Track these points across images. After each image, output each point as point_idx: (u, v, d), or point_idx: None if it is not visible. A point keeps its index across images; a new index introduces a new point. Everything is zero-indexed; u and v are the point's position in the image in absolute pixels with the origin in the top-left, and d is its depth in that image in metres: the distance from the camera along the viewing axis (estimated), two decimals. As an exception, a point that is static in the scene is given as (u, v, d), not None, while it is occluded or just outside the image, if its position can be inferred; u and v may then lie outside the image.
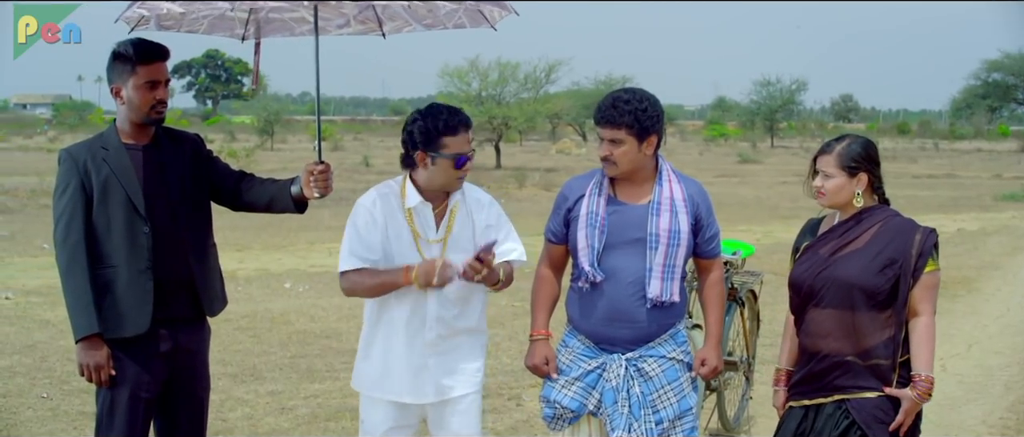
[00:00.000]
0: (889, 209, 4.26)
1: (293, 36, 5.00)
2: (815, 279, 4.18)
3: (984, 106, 74.77)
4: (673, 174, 4.30)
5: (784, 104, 73.09)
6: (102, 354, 4.15)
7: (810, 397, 4.23)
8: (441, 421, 4.29)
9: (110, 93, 4.30)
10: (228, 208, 4.67)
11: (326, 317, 10.49)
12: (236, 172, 4.66)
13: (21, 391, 7.51)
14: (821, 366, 4.18)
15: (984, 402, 7.72)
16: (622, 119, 4.14)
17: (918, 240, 4.11)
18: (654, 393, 4.20)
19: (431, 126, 4.08)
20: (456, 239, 4.20)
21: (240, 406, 7.27)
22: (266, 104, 60.17)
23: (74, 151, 4.27)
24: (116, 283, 4.19)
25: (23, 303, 10.86)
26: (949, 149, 62.54)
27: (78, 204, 4.17)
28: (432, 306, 4.16)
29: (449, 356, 4.24)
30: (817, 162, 4.25)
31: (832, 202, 4.22)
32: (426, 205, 4.17)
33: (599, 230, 4.19)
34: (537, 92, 45.24)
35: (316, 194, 4.46)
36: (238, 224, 16.84)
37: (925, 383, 4.07)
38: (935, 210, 24.27)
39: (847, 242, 4.19)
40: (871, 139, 4.34)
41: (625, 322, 4.21)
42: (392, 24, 5.06)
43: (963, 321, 10.84)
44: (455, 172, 4.11)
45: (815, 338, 4.20)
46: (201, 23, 4.70)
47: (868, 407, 4.10)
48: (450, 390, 4.24)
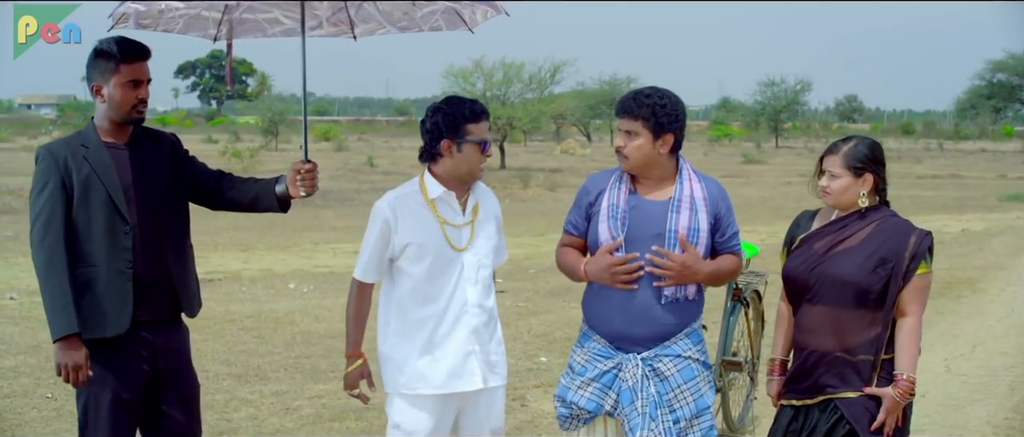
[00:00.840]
0: (887, 209, 4.29)
1: (265, 37, 5.00)
2: (809, 274, 4.23)
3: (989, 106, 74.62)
4: (694, 173, 4.31)
5: (788, 104, 73.07)
6: (81, 354, 4.10)
7: (799, 397, 4.31)
8: (474, 412, 4.34)
9: (90, 91, 4.26)
10: (208, 208, 4.66)
11: (330, 317, 10.48)
12: (215, 171, 4.64)
13: (26, 391, 7.52)
14: (809, 363, 4.25)
15: (989, 402, 7.71)
16: (639, 111, 4.15)
17: (913, 242, 4.14)
18: (670, 392, 4.20)
19: (457, 113, 4.19)
20: (482, 223, 4.33)
21: (244, 406, 7.27)
22: (271, 104, 60.28)
23: (53, 148, 4.22)
24: (96, 283, 4.16)
25: (28, 303, 10.86)
26: (953, 149, 62.50)
27: (58, 202, 4.14)
28: (471, 293, 4.26)
29: (489, 344, 4.34)
30: (823, 162, 4.29)
31: (837, 202, 4.25)
32: (449, 193, 4.26)
33: (621, 222, 4.19)
34: (542, 92, 45.26)
35: (302, 193, 4.48)
36: (242, 225, 16.88)
37: (907, 383, 4.13)
38: (939, 211, 24.26)
39: (842, 239, 4.23)
40: (877, 141, 4.37)
41: (643, 319, 4.20)
42: (365, 26, 5.04)
43: (968, 322, 10.83)
44: (480, 157, 4.23)
45: (806, 334, 4.27)
46: (177, 22, 4.68)
47: (856, 405, 4.16)
48: (490, 378, 4.33)
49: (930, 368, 8.69)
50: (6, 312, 10.43)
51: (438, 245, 4.21)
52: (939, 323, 10.68)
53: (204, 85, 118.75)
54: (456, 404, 4.31)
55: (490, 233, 4.34)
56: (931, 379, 8.30)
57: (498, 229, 4.44)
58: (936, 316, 11.00)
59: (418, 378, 4.25)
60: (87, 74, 4.27)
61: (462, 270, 4.25)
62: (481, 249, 4.29)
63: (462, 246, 4.25)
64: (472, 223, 4.29)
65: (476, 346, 4.28)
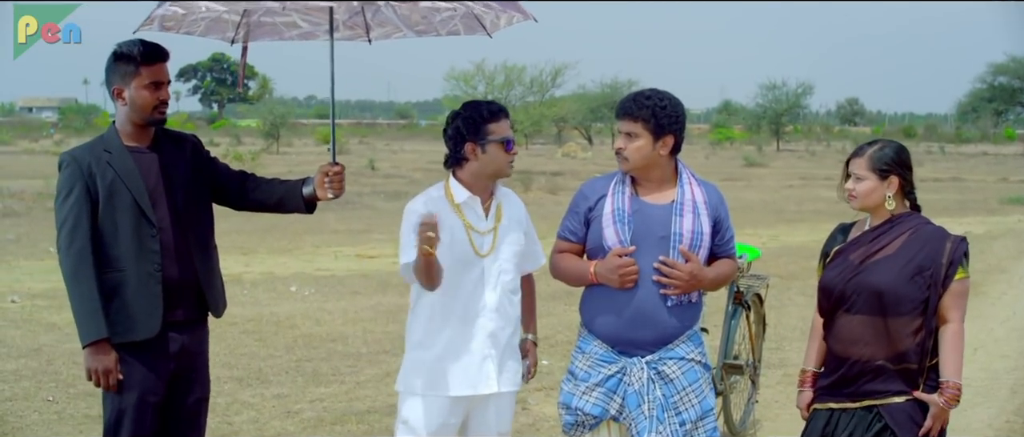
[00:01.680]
0: (920, 216, 4.28)
1: (282, 40, 5.00)
2: (846, 285, 4.20)
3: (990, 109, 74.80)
4: (693, 178, 4.33)
5: (790, 107, 73.07)
6: (110, 359, 4.13)
7: (838, 400, 4.26)
8: (482, 415, 4.35)
9: (110, 95, 4.27)
10: (232, 208, 4.67)
11: (332, 321, 10.49)
12: (238, 172, 4.65)
13: (27, 394, 7.52)
14: (853, 372, 4.20)
15: (990, 405, 7.70)
16: (639, 113, 4.16)
17: (949, 248, 4.13)
18: (676, 395, 4.20)
19: (476, 115, 4.23)
20: (506, 228, 4.33)
21: (246, 410, 7.27)
22: (272, 108, 60.27)
23: (77, 154, 4.23)
24: (125, 286, 4.18)
25: (29, 306, 10.87)
26: (955, 152, 62.41)
27: (83, 208, 4.14)
28: (490, 298, 4.26)
29: (505, 349, 4.33)
30: (850, 165, 4.28)
31: (863, 205, 4.24)
32: (475, 198, 4.28)
33: (627, 225, 4.19)
34: (543, 95, 45.40)
35: (330, 195, 4.49)
36: (243, 227, 16.86)
37: (953, 390, 4.11)
38: (941, 213, 24.20)
39: (878, 248, 4.20)
40: (903, 145, 4.36)
41: (648, 322, 4.20)
42: (381, 30, 5.02)
43: (969, 325, 10.61)
44: (506, 156, 4.26)
45: (846, 344, 4.22)
46: (198, 25, 4.67)
47: (900, 411, 4.13)
48: (504, 383, 4.33)
49: (931, 371, 8.68)
50: (8, 315, 10.43)
51: (463, 250, 4.23)
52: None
53: (205, 88, 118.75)
54: (466, 406, 4.31)
55: (513, 239, 4.34)
56: (932, 382, 8.29)
57: (527, 234, 4.43)
58: (938, 319, 10.99)
59: (433, 380, 4.26)
60: (106, 78, 4.28)
61: (483, 275, 4.26)
62: (503, 255, 4.30)
63: (485, 252, 4.27)
64: (495, 229, 4.30)
65: (492, 351, 4.28)
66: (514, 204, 4.44)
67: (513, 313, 4.37)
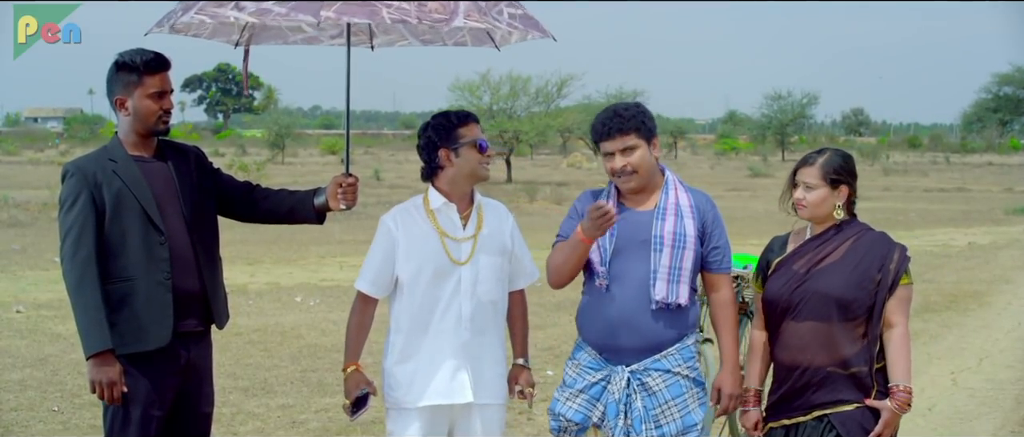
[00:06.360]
0: (861, 223, 4.30)
1: (286, 44, 4.99)
2: (792, 294, 4.20)
3: (995, 120, 74.71)
4: (680, 184, 4.34)
5: (795, 118, 73.09)
6: (115, 370, 4.06)
7: (790, 416, 4.25)
8: (467, 428, 4.31)
9: (112, 105, 4.24)
10: (240, 220, 4.65)
11: (337, 331, 10.48)
12: (243, 183, 4.64)
13: (32, 404, 7.53)
14: (801, 381, 4.19)
15: (995, 416, 7.70)
16: (630, 124, 4.19)
17: (896, 256, 4.17)
18: (657, 408, 4.20)
19: (446, 122, 4.23)
20: (487, 238, 4.29)
21: (251, 420, 7.28)
22: (277, 118, 60.39)
23: (82, 164, 4.19)
24: (134, 296, 4.13)
25: (34, 316, 10.89)
26: (960, 163, 62.41)
27: (88, 218, 4.10)
28: (466, 307, 4.22)
29: (480, 359, 4.28)
30: (797, 174, 4.27)
31: (812, 214, 4.24)
32: (450, 205, 4.25)
33: (611, 232, 4.20)
34: (548, 106, 45.28)
35: (343, 206, 4.48)
36: (248, 238, 16.89)
37: (904, 394, 4.11)
38: (946, 224, 24.22)
39: (823, 256, 4.21)
40: (848, 152, 4.37)
41: (631, 327, 4.20)
42: (385, 37, 5.02)
43: (974, 335, 10.81)
44: (480, 157, 4.23)
45: (794, 351, 4.22)
46: (206, 27, 4.63)
47: (850, 419, 4.13)
48: (481, 394, 4.27)
49: (937, 381, 8.69)
50: (13, 325, 10.45)
51: (437, 257, 4.20)
52: (946, 336, 10.67)
53: (210, 99, 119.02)
54: (447, 418, 4.29)
55: (496, 250, 4.29)
56: (938, 392, 8.30)
57: (515, 248, 4.39)
58: (942, 329, 11.00)
59: (409, 390, 4.25)
60: (108, 88, 4.26)
61: (459, 283, 4.22)
62: (482, 264, 4.25)
63: (462, 260, 4.23)
64: (475, 237, 4.26)
65: (466, 361, 4.24)
66: (500, 216, 4.40)
67: (493, 324, 4.33)
